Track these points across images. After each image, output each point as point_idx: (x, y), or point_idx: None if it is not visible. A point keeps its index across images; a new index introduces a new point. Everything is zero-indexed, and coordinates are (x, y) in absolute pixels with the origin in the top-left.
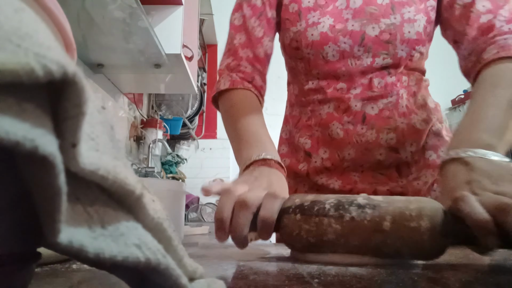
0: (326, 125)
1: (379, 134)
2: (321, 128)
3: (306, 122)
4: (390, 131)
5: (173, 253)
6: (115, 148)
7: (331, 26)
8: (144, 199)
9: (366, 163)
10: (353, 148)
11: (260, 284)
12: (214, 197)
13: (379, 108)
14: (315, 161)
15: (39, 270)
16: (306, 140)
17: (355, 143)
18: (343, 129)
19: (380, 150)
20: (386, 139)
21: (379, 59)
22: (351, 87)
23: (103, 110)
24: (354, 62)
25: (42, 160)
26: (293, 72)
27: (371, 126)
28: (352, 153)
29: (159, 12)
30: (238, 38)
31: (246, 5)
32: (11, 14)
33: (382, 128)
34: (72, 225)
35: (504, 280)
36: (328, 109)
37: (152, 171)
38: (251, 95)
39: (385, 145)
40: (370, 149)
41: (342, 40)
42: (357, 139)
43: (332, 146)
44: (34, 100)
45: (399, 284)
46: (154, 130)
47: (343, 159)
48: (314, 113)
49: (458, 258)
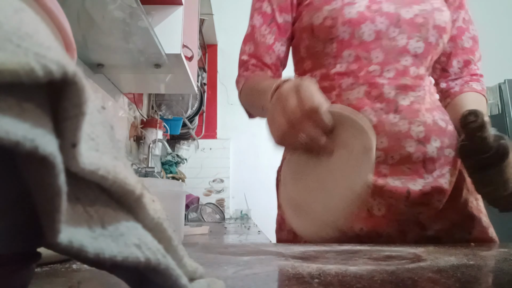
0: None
1: (410, 125)
2: None
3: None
4: (420, 124)
5: (173, 253)
6: (115, 148)
7: (367, 6)
8: (144, 199)
9: (397, 155)
10: (386, 137)
11: (260, 284)
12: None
13: (410, 100)
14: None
15: (39, 270)
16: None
17: (387, 132)
18: (376, 116)
19: (410, 142)
20: (417, 131)
21: (412, 41)
22: (384, 69)
23: (103, 110)
24: (389, 43)
25: (42, 160)
26: (317, 57)
27: (404, 116)
28: (384, 141)
29: (159, 12)
30: (247, 48)
31: (256, 14)
32: (11, 14)
33: (413, 120)
34: (72, 225)
35: (504, 280)
36: (357, 94)
37: (152, 171)
38: (266, 75)
39: (415, 137)
40: (401, 139)
41: (379, 20)
42: (390, 128)
43: None
44: (34, 100)
45: (399, 284)
46: (154, 130)
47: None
48: (340, 97)
49: (459, 258)
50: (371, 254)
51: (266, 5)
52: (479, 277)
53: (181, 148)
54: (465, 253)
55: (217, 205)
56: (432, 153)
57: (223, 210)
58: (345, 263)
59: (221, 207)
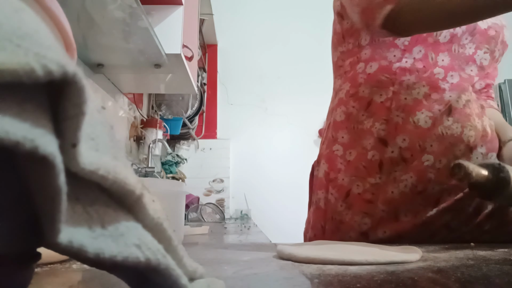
0: (411, 111)
1: (463, 129)
2: (404, 114)
3: (383, 104)
4: (472, 128)
5: (173, 253)
6: (115, 148)
7: None
8: (144, 199)
9: (445, 159)
10: (437, 141)
11: (260, 284)
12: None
13: (462, 104)
14: (392, 150)
15: (39, 270)
16: (382, 126)
17: (440, 135)
18: (432, 117)
19: (460, 146)
20: (468, 136)
21: (480, 52)
22: (448, 74)
23: (103, 110)
24: (457, 49)
25: (42, 160)
26: (381, 47)
27: (457, 119)
28: (435, 145)
29: (159, 12)
30: None
31: None
32: (11, 14)
33: (466, 124)
34: (72, 225)
35: (504, 280)
36: (417, 94)
37: (152, 171)
38: None
39: (466, 142)
40: (453, 143)
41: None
42: (443, 131)
43: (415, 135)
44: (34, 100)
45: (399, 284)
46: (154, 130)
47: (424, 151)
48: (397, 95)
49: (458, 258)
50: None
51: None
52: (479, 277)
53: (181, 148)
54: (465, 253)
55: (217, 205)
56: (476, 159)
57: (223, 210)
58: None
59: (221, 207)
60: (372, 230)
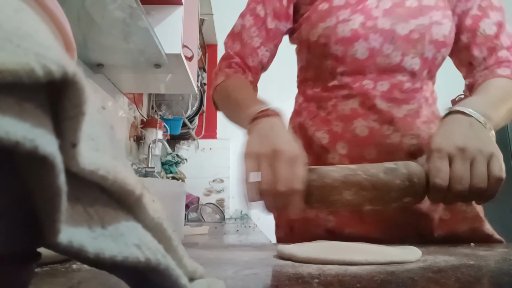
0: (349, 120)
1: (403, 138)
2: (342, 123)
3: (326, 117)
4: (414, 137)
5: (173, 253)
6: (115, 148)
7: (361, 23)
8: (144, 199)
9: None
10: (375, 149)
11: (260, 284)
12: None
13: (403, 114)
14: (333, 157)
15: (39, 270)
16: (324, 135)
17: (378, 144)
18: (368, 127)
19: (400, 154)
20: (409, 144)
21: (407, 58)
22: (377, 83)
23: (103, 110)
24: (383, 60)
25: (42, 160)
26: (316, 71)
27: (397, 129)
28: (373, 153)
29: (159, 12)
30: (234, 46)
31: (249, 14)
32: (11, 14)
33: (407, 133)
34: (72, 225)
35: (504, 280)
36: (352, 104)
37: (152, 171)
38: (246, 81)
39: (406, 150)
40: (391, 152)
41: (372, 37)
42: (381, 140)
43: (353, 143)
44: (34, 100)
45: (399, 284)
46: (154, 130)
47: (363, 158)
48: (335, 108)
49: (458, 258)
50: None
51: (260, 8)
52: (479, 277)
53: (181, 148)
54: (465, 253)
55: (217, 205)
56: (422, 166)
57: (223, 210)
58: (345, 263)
59: (221, 207)
60: (338, 229)
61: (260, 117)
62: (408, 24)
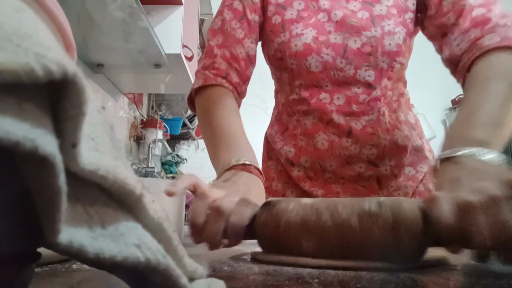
0: (311, 135)
1: (362, 149)
2: (306, 138)
3: (292, 131)
4: (373, 147)
5: (173, 253)
6: (115, 148)
7: (314, 38)
8: (144, 199)
9: (347, 176)
10: (335, 160)
11: (260, 284)
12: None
13: (362, 125)
14: (298, 170)
15: (39, 270)
16: (290, 149)
17: (337, 155)
18: (328, 140)
19: (359, 163)
20: (368, 154)
21: (361, 71)
22: (334, 97)
23: (103, 110)
24: (337, 73)
25: (42, 160)
26: (279, 82)
27: (356, 140)
28: (333, 164)
29: (159, 12)
30: (216, 40)
31: (227, 9)
32: (11, 14)
33: (365, 144)
34: (72, 225)
35: (503, 280)
36: (313, 119)
37: (152, 171)
38: (226, 92)
39: (365, 159)
40: (350, 162)
41: (325, 52)
42: (341, 151)
43: (315, 156)
44: (34, 100)
45: (399, 284)
46: (154, 130)
47: (325, 170)
48: (299, 122)
49: (458, 259)
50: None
51: (237, 3)
52: (479, 277)
53: (181, 148)
54: (465, 253)
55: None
56: (385, 171)
57: None
58: None
59: None
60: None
61: (231, 169)
62: (360, 37)
